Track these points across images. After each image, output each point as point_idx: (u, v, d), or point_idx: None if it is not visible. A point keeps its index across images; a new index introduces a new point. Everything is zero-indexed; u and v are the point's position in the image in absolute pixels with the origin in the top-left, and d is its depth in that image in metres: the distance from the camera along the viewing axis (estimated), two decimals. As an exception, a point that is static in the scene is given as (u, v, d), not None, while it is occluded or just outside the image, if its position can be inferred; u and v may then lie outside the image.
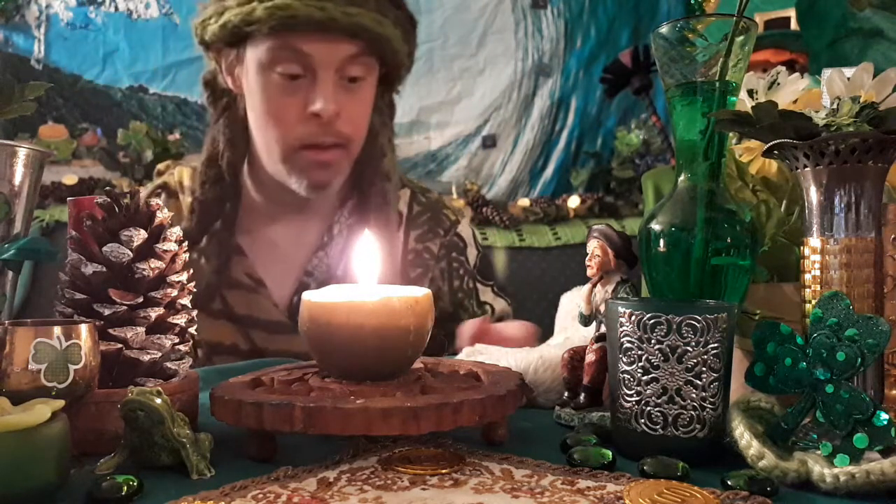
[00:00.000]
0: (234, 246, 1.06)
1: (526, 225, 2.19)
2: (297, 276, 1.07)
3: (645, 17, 2.82)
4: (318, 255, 1.08)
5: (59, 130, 2.47)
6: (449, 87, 2.78)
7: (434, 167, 2.80)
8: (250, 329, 1.04)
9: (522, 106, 2.82)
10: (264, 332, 1.04)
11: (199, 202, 1.05)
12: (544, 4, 2.81)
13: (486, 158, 2.81)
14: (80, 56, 2.57)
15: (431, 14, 2.76)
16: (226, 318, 1.04)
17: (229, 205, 1.06)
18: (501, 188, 2.79)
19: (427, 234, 1.15)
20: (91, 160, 2.42)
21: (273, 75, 0.98)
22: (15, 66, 2.49)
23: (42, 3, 2.54)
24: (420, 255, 1.14)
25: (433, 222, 1.16)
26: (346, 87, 1.00)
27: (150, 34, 2.60)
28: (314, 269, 1.07)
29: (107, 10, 2.60)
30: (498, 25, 2.79)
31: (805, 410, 0.45)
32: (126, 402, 0.44)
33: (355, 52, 0.98)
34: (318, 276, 1.07)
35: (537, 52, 2.81)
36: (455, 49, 2.78)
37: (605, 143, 2.80)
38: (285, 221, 1.09)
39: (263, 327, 1.04)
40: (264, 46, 0.97)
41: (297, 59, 0.96)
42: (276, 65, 0.97)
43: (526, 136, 2.82)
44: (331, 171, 1.03)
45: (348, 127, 1.01)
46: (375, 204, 1.07)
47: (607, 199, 2.35)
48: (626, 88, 2.13)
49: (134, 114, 2.59)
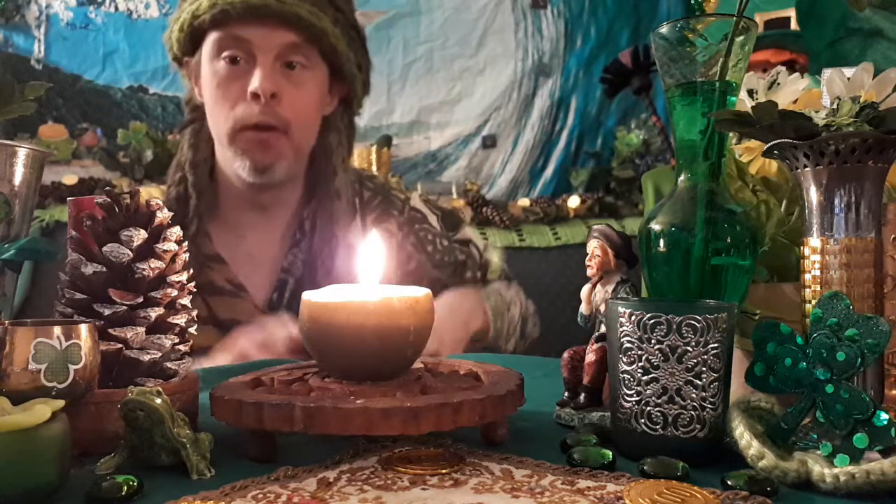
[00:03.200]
0: (211, 254, 1.12)
1: (526, 225, 2.19)
2: (275, 275, 1.13)
3: (645, 17, 2.81)
4: (293, 251, 1.14)
5: (59, 130, 2.47)
6: (449, 87, 2.78)
7: (434, 167, 2.80)
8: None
9: (522, 106, 2.82)
10: None
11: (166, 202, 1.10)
12: (544, 4, 2.81)
13: (486, 158, 2.81)
14: (80, 56, 2.57)
15: (431, 14, 2.76)
16: (211, 324, 1.09)
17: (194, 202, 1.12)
18: (501, 188, 2.79)
19: (382, 215, 1.20)
20: (91, 160, 2.42)
21: (219, 63, 1.06)
22: (15, 66, 2.49)
23: (42, 3, 2.54)
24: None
25: (385, 204, 1.22)
26: (286, 73, 1.07)
27: (150, 34, 2.60)
28: (290, 266, 1.13)
29: (107, 10, 2.60)
30: (498, 25, 2.79)
31: (805, 410, 0.45)
32: (126, 402, 0.44)
33: (293, 39, 1.05)
34: (295, 272, 1.13)
35: (537, 52, 2.82)
36: (455, 49, 2.78)
37: (605, 143, 2.80)
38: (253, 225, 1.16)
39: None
40: (211, 39, 1.06)
41: (238, 45, 1.05)
42: (221, 52, 1.06)
43: (526, 136, 2.82)
44: (271, 153, 1.08)
45: (288, 111, 1.07)
46: (322, 222, 1.13)
47: (607, 199, 2.35)
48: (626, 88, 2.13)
49: (134, 114, 2.59)
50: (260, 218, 1.16)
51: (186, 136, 1.16)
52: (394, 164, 2.66)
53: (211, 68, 1.07)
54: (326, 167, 1.16)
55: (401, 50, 2.75)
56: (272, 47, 1.04)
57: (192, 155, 1.14)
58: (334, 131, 1.17)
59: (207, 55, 1.08)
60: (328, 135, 1.15)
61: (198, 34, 1.08)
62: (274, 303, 1.11)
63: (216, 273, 1.11)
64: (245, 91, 1.04)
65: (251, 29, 1.03)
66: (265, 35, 1.04)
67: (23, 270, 0.56)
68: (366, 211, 1.20)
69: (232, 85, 1.06)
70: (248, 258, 1.14)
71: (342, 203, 1.15)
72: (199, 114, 1.15)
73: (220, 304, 1.10)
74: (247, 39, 1.04)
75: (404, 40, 2.76)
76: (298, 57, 1.07)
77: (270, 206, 1.15)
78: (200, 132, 1.14)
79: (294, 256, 1.13)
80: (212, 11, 1.03)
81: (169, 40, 1.13)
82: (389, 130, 2.72)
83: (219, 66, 1.06)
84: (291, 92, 1.07)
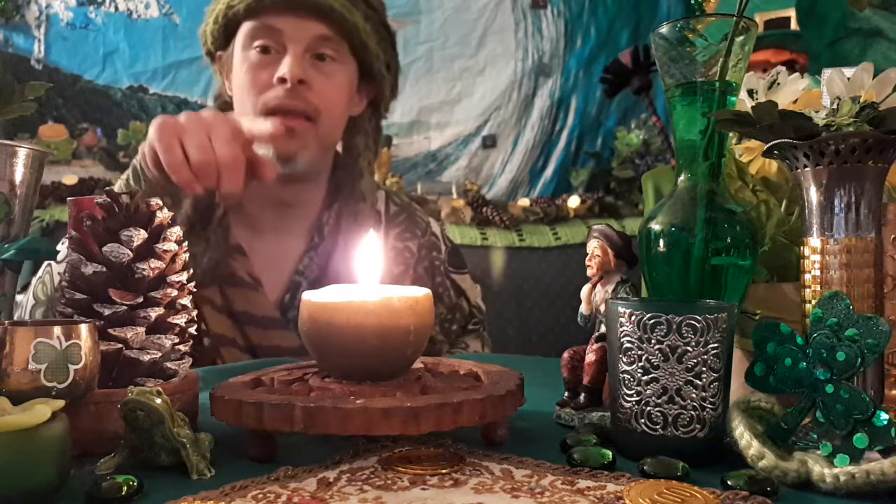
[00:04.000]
0: (234, 244, 1.11)
1: (526, 225, 2.20)
2: (290, 276, 1.12)
3: (645, 17, 2.82)
4: (309, 254, 1.13)
5: (59, 130, 2.47)
6: (449, 87, 2.78)
7: (434, 167, 2.80)
8: (246, 325, 1.09)
9: (522, 106, 2.82)
10: (259, 327, 1.09)
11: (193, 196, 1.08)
12: (544, 4, 2.81)
13: (486, 158, 2.81)
14: (80, 56, 2.57)
15: (431, 14, 2.77)
16: (226, 314, 1.09)
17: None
18: (501, 188, 2.79)
19: (405, 233, 1.20)
20: (91, 160, 2.43)
21: (251, 52, 1.07)
22: (15, 66, 2.50)
23: (42, 3, 2.54)
24: (401, 253, 1.19)
25: (409, 222, 1.22)
26: (315, 63, 1.07)
27: (150, 34, 2.60)
28: (305, 269, 1.13)
29: (107, 10, 2.60)
30: (498, 25, 2.80)
31: (805, 410, 0.45)
32: (126, 402, 0.44)
33: (324, 32, 1.06)
34: (309, 275, 1.12)
35: (537, 52, 2.82)
36: (455, 49, 2.78)
37: (605, 143, 2.81)
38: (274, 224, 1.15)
39: (258, 323, 1.09)
40: (244, 30, 1.07)
41: (270, 35, 1.05)
42: (253, 41, 1.06)
43: (526, 136, 2.82)
44: (296, 140, 1.07)
45: (316, 98, 1.06)
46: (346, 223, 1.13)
47: (607, 199, 2.35)
48: (626, 88, 2.14)
49: (134, 114, 2.59)
50: (281, 217, 1.15)
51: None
52: (394, 164, 2.67)
53: (242, 56, 1.08)
54: (353, 169, 1.15)
55: (401, 50, 2.75)
56: (303, 38, 1.05)
57: None
58: (362, 133, 1.16)
59: (240, 45, 1.08)
60: (355, 136, 1.15)
61: (231, 26, 1.08)
62: (285, 304, 1.10)
63: (238, 264, 1.10)
64: (272, 77, 1.04)
65: (283, 19, 1.04)
66: (297, 25, 1.04)
67: (23, 270, 0.56)
68: (390, 225, 1.19)
69: (262, 72, 1.06)
70: (266, 256, 1.13)
71: (367, 206, 1.14)
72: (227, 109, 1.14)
73: (237, 295, 1.09)
74: (279, 29, 1.04)
75: (404, 40, 2.76)
76: (328, 49, 1.07)
77: (293, 204, 1.14)
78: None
79: (310, 259, 1.13)
80: (246, 1, 1.04)
81: (204, 34, 1.13)
82: (389, 130, 2.72)
83: (250, 53, 1.07)
84: (320, 80, 1.07)
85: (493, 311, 1.95)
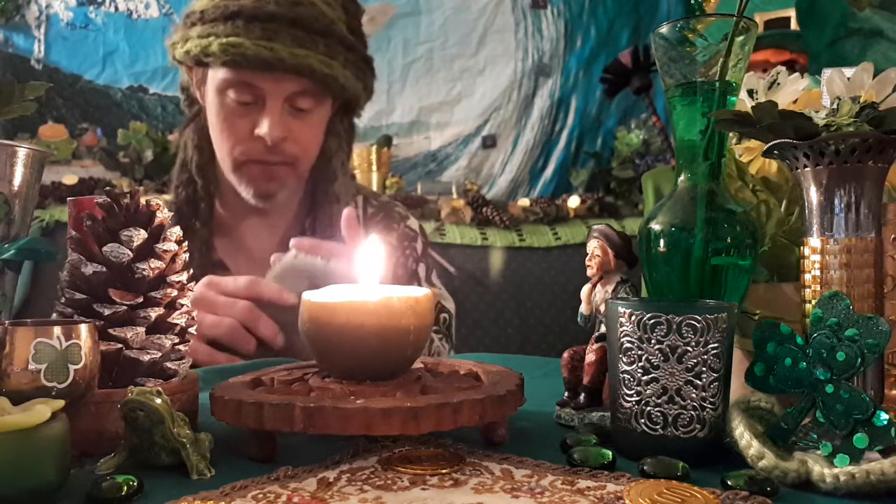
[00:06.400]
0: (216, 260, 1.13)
1: (526, 225, 2.19)
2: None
3: (645, 17, 2.82)
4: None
5: (59, 130, 2.47)
6: (449, 87, 2.78)
7: (434, 167, 2.80)
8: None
9: (522, 106, 2.82)
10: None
11: (175, 205, 1.13)
12: (544, 4, 2.81)
13: (486, 158, 2.81)
14: (80, 56, 2.57)
15: (431, 14, 2.77)
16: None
17: (204, 205, 1.13)
18: (501, 188, 2.79)
19: (383, 230, 1.21)
20: (91, 160, 2.42)
21: (227, 98, 1.06)
22: (15, 66, 2.50)
23: (42, 3, 2.54)
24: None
25: (387, 220, 1.23)
26: (295, 114, 1.07)
27: (150, 34, 2.60)
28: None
29: (107, 10, 2.60)
30: (498, 25, 2.80)
31: (805, 410, 0.45)
32: (126, 402, 0.44)
33: (303, 87, 1.05)
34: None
35: (537, 52, 2.82)
36: (455, 49, 2.78)
37: (605, 143, 2.81)
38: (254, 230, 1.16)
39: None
40: (220, 75, 1.05)
41: (248, 90, 1.04)
42: (229, 90, 1.05)
43: (526, 136, 2.83)
44: (277, 182, 1.10)
45: (295, 148, 1.08)
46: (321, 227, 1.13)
47: (607, 199, 2.35)
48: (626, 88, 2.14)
49: (134, 114, 2.60)
50: (261, 222, 1.16)
51: (190, 135, 1.15)
52: (394, 164, 2.67)
53: (217, 99, 1.06)
54: (326, 171, 1.16)
55: (401, 50, 2.76)
56: (282, 93, 1.04)
57: (198, 157, 1.13)
58: (334, 136, 1.16)
59: (215, 86, 1.07)
60: (328, 139, 1.15)
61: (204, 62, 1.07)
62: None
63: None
64: (252, 130, 1.04)
65: (262, 76, 1.03)
66: (276, 82, 1.03)
67: (23, 270, 0.56)
68: (368, 225, 1.20)
69: (239, 122, 1.05)
70: (248, 262, 1.14)
71: (341, 207, 1.14)
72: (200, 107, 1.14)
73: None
74: (258, 86, 1.03)
75: (404, 40, 2.76)
76: (307, 102, 1.07)
77: (271, 212, 1.16)
78: (203, 129, 1.13)
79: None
80: (223, 58, 1.02)
81: (172, 49, 1.11)
82: (389, 130, 2.72)
83: (226, 100, 1.05)
84: (300, 130, 1.07)
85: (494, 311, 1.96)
